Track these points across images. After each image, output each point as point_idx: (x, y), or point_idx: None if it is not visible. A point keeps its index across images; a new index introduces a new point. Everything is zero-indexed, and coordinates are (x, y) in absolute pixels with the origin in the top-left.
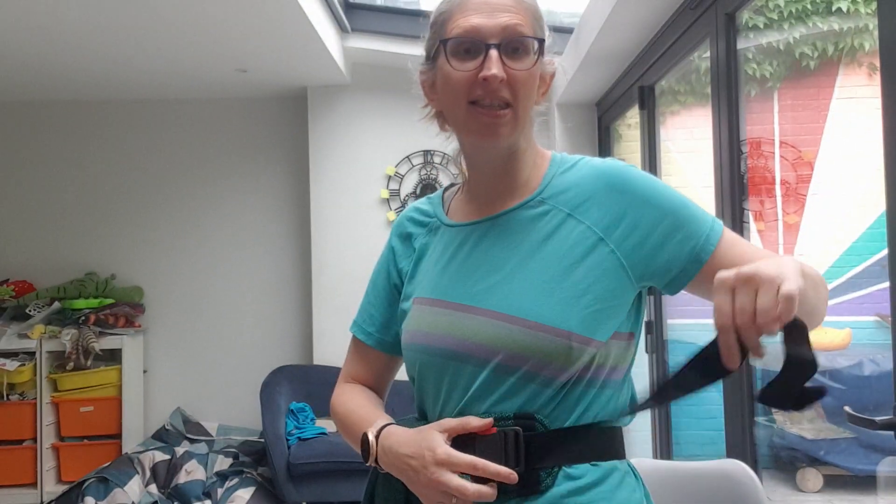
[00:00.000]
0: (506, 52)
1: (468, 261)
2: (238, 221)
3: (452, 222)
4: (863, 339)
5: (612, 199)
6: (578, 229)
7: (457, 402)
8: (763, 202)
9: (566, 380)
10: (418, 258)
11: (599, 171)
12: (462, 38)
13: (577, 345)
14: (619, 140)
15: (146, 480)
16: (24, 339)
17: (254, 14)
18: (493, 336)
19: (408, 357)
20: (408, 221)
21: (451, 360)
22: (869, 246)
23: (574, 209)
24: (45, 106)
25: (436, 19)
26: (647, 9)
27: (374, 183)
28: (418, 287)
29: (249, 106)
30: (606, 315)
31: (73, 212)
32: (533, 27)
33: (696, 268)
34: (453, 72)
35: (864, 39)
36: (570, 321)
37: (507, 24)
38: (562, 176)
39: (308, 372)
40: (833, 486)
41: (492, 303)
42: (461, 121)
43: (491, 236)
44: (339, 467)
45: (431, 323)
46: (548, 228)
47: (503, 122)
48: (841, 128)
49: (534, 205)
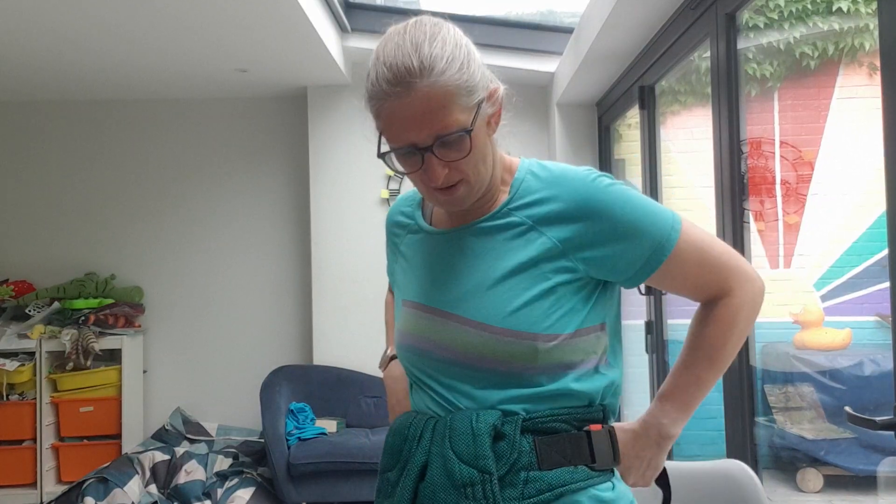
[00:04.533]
0: (440, 147)
1: (443, 268)
2: (238, 221)
3: (432, 229)
4: (863, 339)
5: (573, 214)
6: (540, 240)
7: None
8: (763, 202)
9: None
10: (403, 259)
11: (568, 186)
12: (399, 149)
13: (542, 344)
14: (619, 140)
15: (146, 480)
16: (23, 339)
17: (254, 14)
18: (466, 341)
19: (401, 355)
20: (392, 225)
21: (433, 360)
22: (869, 246)
23: (538, 221)
24: (45, 106)
25: (372, 109)
26: (647, 9)
27: (374, 183)
28: (405, 289)
29: (249, 106)
30: (568, 315)
31: (73, 212)
32: (461, 105)
33: (649, 273)
34: (406, 174)
35: (864, 39)
36: (534, 325)
37: (433, 128)
38: (528, 185)
39: (308, 372)
40: (833, 486)
41: (464, 309)
42: (426, 196)
43: (463, 245)
44: (339, 467)
45: (416, 326)
46: (511, 237)
47: (462, 195)
48: (841, 128)
49: (501, 216)
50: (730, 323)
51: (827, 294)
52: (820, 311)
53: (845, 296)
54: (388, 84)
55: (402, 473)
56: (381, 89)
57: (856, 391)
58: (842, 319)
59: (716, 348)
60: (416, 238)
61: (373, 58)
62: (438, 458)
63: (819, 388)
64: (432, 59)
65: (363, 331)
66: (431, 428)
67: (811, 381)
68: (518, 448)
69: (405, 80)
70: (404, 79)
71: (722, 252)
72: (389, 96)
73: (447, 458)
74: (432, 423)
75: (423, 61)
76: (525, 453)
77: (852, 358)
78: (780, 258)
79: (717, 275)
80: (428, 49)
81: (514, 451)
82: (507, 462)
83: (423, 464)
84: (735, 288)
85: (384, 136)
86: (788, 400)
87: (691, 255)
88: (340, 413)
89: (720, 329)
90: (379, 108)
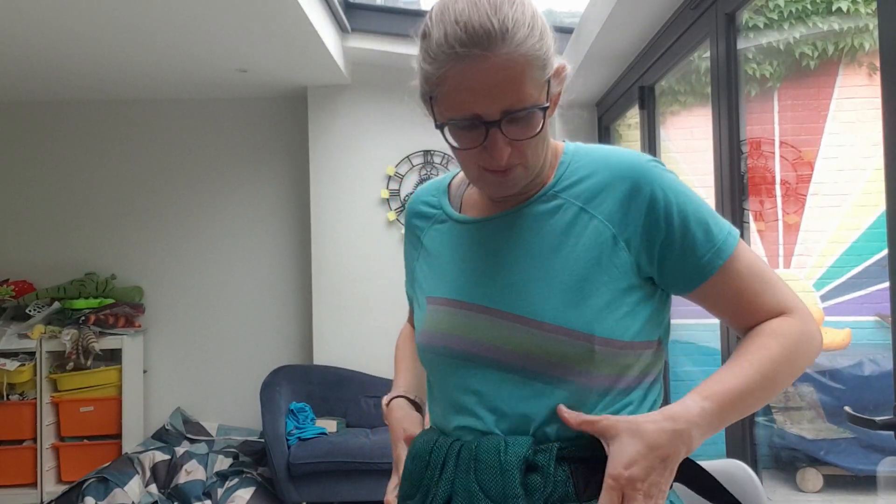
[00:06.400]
0: (511, 122)
1: (482, 259)
2: (238, 221)
3: (463, 217)
4: (863, 339)
5: (625, 197)
6: (592, 224)
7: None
8: (763, 202)
9: (589, 385)
10: (427, 254)
11: (617, 164)
12: (461, 121)
13: (600, 348)
14: (619, 140)
15: (146, 480)
16: (24, 339)
17: (254, 14)
18: (511, 339)
19: (425, 359)
20: (414, 216)
21: (470, 363)
22: (869, 246)
23: (587, 202)
24: (45, 106)
25: (431, 72)
26: (647, 9)
27: (374, 183)
28: (431, 285)
29: (249, 106)
30: (625, 314)
31: (73, 212)
32: (536, 81)
33: (694, 285)
34: (457, 148)
35: (864, 39)
36: (591, 323)
37: (506, 100)
38: (575, 166)
39: (308, 372)
40: (833, 486)
41: (509, 304)
42: (474, 179)
43: (504, 233)
44: (339, 467)
45: (449, 324)
46: (562, 224)
47: (517, 179)
48: (841, 128)
49: (547, 199)
50: (792, 338)
51: (827, 294)
52: (820, 311)
53: (845, 296)
54: (460, 45)
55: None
56: (450, 51)
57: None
58: (842, 319)
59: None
60: (443, 228)
61: (435, 13)
62: (463, 492)
63: (819, 388)
64: (514, 23)
65: (363, 331)
66: (455, 455)
67: (811, 381)
68: (553, 480)
69: (482, 42)
70: (481, 41)
71: (778, 276)
72: (462, 59)
73: (472, 493)
74: (456, 448)
75: (504, 24)
76: (560, 484)
77: (852, 358)
78: (779, 258)
79: (774, 295)
80: (509, 11)
81: (549, 483)
82: (541, 496)
83: (448, 497)
84: (794, 311)
85: (443, 104)
86: (788, 400)
87: (749, 267)
88: (340, 413)
89: (779, 342)
90: (444, 72)
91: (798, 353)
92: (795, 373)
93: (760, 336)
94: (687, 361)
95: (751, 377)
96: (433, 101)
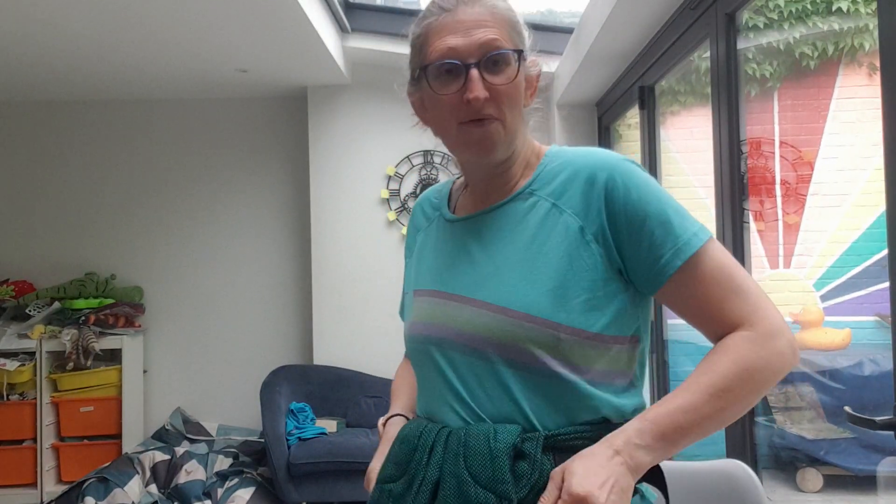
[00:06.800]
0: (486, 68)
1: (462, 253)
2: (238, 221)
3: (452, 216)
4: (863, 339)
5: (585, 186)
6: (562, 219)
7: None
8: (763, 202)
9: (556, 372)
10: (419, 253)
11: (584, 159)
12: (441, 63)
13: (566, 336)
14: (619, 140)
15: (146, 480)
16: (24, 339)
17: (254, 14)
18: (485, 326)
19: (410, 349)
20: (421, 212)
21: (448, 349)
22: (869, 246)
23: (558, 198)
24: (45, 106)
25: (414, 42)
26: (647, 9)
27: (374, 183)
28: (416, 279)
29: (249, 106)
30: (593, 306)
31: (73, 212)
32: (511, 37)
33: (657, 286)
34: (438, 96)
35: (864, 39)
36: (556, 312)
37: (484, 40)
38: (552, 166)
39: (308, 372)
40: (833, 486)
41: (483, 294)
42: (454, 140)
43: (483, 228)
44: (339, 467)
45: (429, 313)
46: (535, 220)
47: (494, 134)
48: (841, 128)
49: (524, 197)
50: (748, 357)
51: (827, 294)
52: (820, 311)
53: (845, 296)
54: (444, 2)
55: (409, 488)
56: (435, 10)
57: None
58: (841, 319)
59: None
60: (434, 227)
61: None
62: (452, 477)
63: (819, 388)
64: None
65: (363, 331)
66: (444, 441)
67: (811, 381)
68: (540, 468)
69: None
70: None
71: (752, 285)
72: (444, 11)
73: (462, 479)
74: (445, 434)
75: None
76: (546, 473)
77: (852, 358)
78: (779, 258)
79: (740, 305)
80: None
81: (536, 471)
82: (528, 483)
83: (436, 481)
84: (758, 323)
85: (427, 52)
86: (788, 400)
87: (714, 270)
88: (340, 413)
89: (730, 358)
90: (428, 25)
91: (753, 372)
92: (757, 388)
93: (715, 353)
94: (687, 361)
95: (697, 398)
96: (425, 72)
